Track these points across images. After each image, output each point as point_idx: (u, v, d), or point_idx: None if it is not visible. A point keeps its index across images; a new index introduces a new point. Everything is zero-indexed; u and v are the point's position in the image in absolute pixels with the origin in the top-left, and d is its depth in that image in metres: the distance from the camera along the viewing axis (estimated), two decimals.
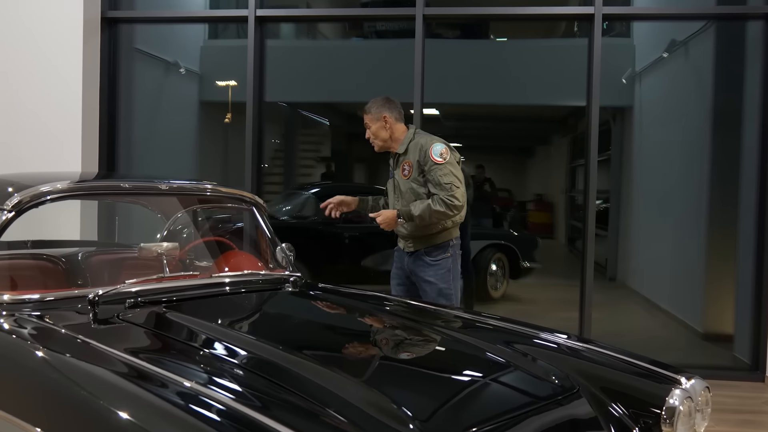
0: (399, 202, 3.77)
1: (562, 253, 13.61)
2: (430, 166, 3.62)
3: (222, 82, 8.32)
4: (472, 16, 5.74)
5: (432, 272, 3.71)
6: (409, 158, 3.73)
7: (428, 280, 3.72)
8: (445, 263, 3.73)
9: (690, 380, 2.22)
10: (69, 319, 2.28)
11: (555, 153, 15.37)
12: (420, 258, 3.75)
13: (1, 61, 5.30)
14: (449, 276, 3.74)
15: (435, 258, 3.72)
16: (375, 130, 3.80)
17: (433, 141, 3.69)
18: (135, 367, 1.83)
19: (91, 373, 1.82)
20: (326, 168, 11.89)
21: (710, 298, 6.22)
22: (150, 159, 6.92)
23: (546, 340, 2.51)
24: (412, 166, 3.70)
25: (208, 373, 1.87)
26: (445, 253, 3.74)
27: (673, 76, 7.60)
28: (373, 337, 2.55)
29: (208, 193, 3.16)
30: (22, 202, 2.46)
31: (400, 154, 3.77)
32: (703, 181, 6.31)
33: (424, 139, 3.73)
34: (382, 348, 2.39)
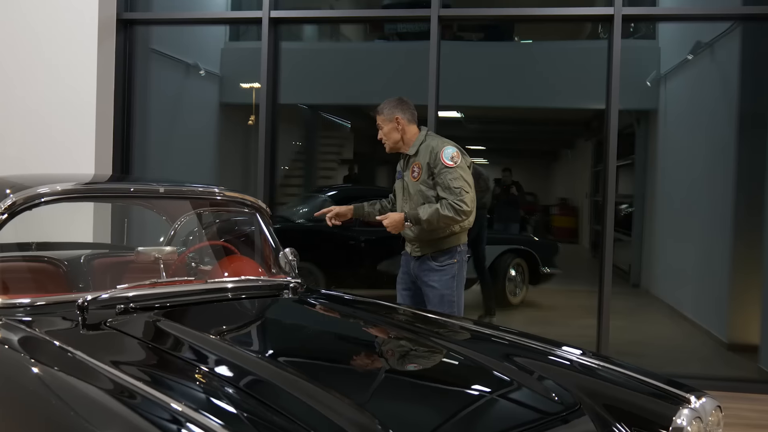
0: (407, 204, 3.72)
1: (586, 258, 13.45)
2: (440, 169, 3.56)
3: (244, 84, 8.32)
4: (489, 17, 5.65)
5: (436, 277, 3.65)
6: (419, 160, 3.67)
7: (432, 285, 3.66)
8: (450, 269, 3.66)
9: (700, 399, 2.11)
10: (55, 325, 2.25)
11: (579, 156, 15.22)
12: (425, 262, 3.69)
13: (14, 63, 5.31)
14: (453, 283, 3.67)
15: (441, 263, 3.66)
16: (387, 132, 3.76)
17: (444, 144, 3.64)
18: (114, 380, 1.77)
19: (67, 384, 1.77)
20: (348, 170, 11.87)
21: (735, 307, 6.09)
22: (167, 163, 6.92)
23: (558, 356, 2.41)
24: (421, 168, 3.64)
25: (191, 390, 1.81)
26: (451, 258, 3.67)
27: (698, 79, 7.46)
28: (370, 350, 2.47)
29: (210, 197, 3.11)
30: (16, 204, 2.43)
31: (411, 156, 3.73)
32: (729, 186, 6.17)
33: (435, 142, 3.68)
34: (379, 363, 2.30)
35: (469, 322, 2.88)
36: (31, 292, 2.59)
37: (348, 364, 2.25)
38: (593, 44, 9.74)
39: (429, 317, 2.82)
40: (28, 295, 2.40)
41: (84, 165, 5.22)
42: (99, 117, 5.30)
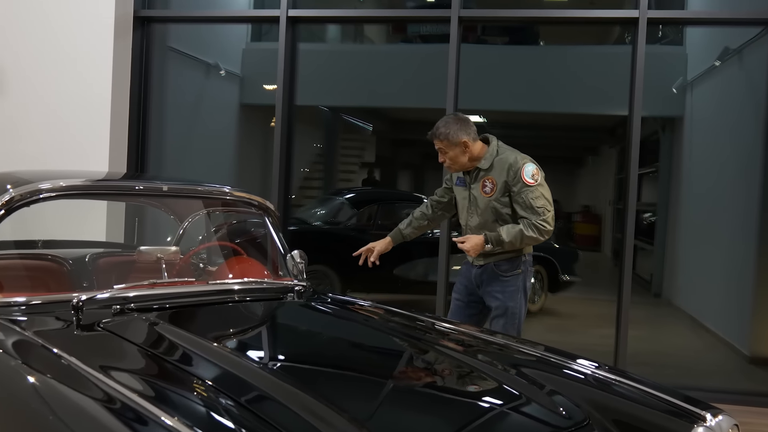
0: (473, 218, 3.58)
1: (608, 266, 13.27)
2: (520, 188, 3.41)
3: (265, 85, 8.29)
4: (510, 19, 5.55)
5: (500, 288, 3.52)
6: (492, 175, 3.48)
7: (496, 296, 3.53)
8: (515, 280, 3.52)
9: (717, 417, 2.01)
10: (48, 325, 2.19)
11: (603, 163, 15.04)
12: (489, 272, 3.55)
13: (28, 60, 5.29)
14: (518, 295, 3.52)
15: (505, 274, 3.52)
16: (453, 156, 3.51)
17: (524, 160, 3.47)
18: (102, 387, 1.70)
19: (53, 390, 1.72)
20: (368, 174, 11.82)
21: (758, 319, 5.94)
22: (184, 163, 6.90)
23: (572, 369, 2.32)
24: (496, 184, 3.47)
25: (180, 399, 1.74)
26: (516, 269, 3.52)
27: (725, 85, 7.30)
28: (374, 359, 2.38)
29: (218, 197, 3.05)
30: (14, 200, 2.39)
31: (484, 170, 3.51)
32: (755, 195, 6.02)
33: (512, 157, 3.48)
34: (382, 373, 2.20)
35: (482, 332, 2.79)
36: (31, 290, 2.55)
37: (350, 374, 2.17)
38: (619, 49, 9.62)
39: (436, 324, 2.73)
40: (26, 294, 2.35)
41: (98, 163, 5.20)
42: (114, 115, 5.28)
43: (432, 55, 8.64)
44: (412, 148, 13.92)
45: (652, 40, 5.16)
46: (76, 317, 2.21)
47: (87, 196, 2.78)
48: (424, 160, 14.72)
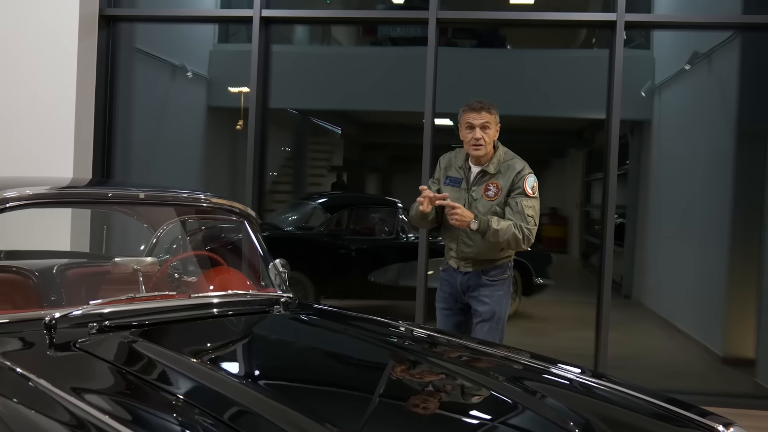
0: None
1: (576, 268, 13.35)
2: (518, 193, 3.42)
3: (232, 87, 8.13)
4: (488, 21, 5.48)
5: (488, 292, 3.50)
6: (498, 180, 3.47)
7: (483, 300, 3.50)
8: (502, 285, 3.52)
9: (729, 429, 1.93)
10: (17, 346, 2.03)
11: (570, 166, 15.15)
12: (477, 277, 3.52)
13: None
14: (504, 299, 3.53)
15: (493, 279, 3.51)
16: (493, 135, 3.48)
17: (529, 171, 3.50)
18: (80, 416, 1.56)
19: (25, 419, 1.56)
20: (337, 177, 11.70)
21: (731, 320, 6.00)
22: (151, 167, 6.72)
23: (557, 375, 2.25)
24: (500, 189, 3.45)
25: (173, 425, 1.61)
26: (503, 273, 3.53)
27: (695, 89, 7.37)
28: (367, 373, 2.27)
29: (195, 204, 2.90)
30: None
31: (490, 173, 3.50)
32: (726, 197, 6.07)
33: (520, 165, 3.50)
34: (375, 388, 2.09)
35: (471, 340, 2.70)
36: None
37: (344, 390, 2.05)
38: (586, 53, 9.67)
39: (428, 335, 2.63)
40: None
41: (63, 168, 4.99)
42: (79, 118, 5.07)
43: (402, 58, 8.58)
44: (381, 151, 13.85)
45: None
46: (49, 337, 2.04)
47: (57, 205, 2.61)
48: (393, 163, 14.67)
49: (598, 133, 11.48)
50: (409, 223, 7.11)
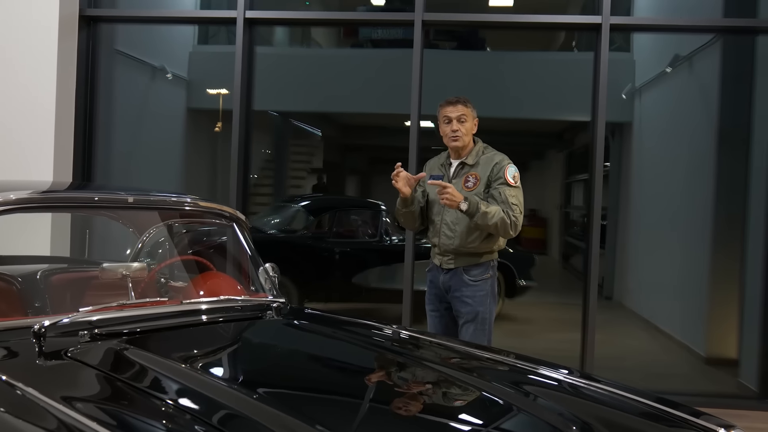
0: (449, 213, 3.53)
1: (557, 270, 13.40)
2: (499, 183, 3.46)
3: (211, 89, 8.04)
4: (474, 23, 5.46)
5: (470, 292, 3.50)
6: (477, 171, 3.53)
7: (465, 301, 3.50)
8: (484, 285, 3.52)
9: None
10: (2, 354, 1.95)
11: (550, 168, 15.22)
12: (458, 276, 3.53)
13: None
14: (487, 299, 3.52)
15: (475, 278, 3.51)
16: (469, 128, 3.57)
17: (508, 161, 3.55)
18: (71, 425, 1.50)
19: (14, 429, 1.51)
20: (317, 180, 11.64)
21: (714, 320, 6.02)
22: (131, 169, 6.62)
23: (546, 377, 2.24)
24: (479, 179, 3.51)
25: None
26: (485, 273, 3.53)
27: (675, 92, 7.42)
28: (362, 378, 2.23)
29: (184, 208, 2.84)
30: None
31: (468, 165, 3.56)
32: (708, 198, 6.11)
33: (498, 157, 3.56)
34: (372, 392, 2.06)
35: (461, 344, 2.67)
36: None
37: (341, 396, 2.01)
38: (567, 56, 9.71)
39: (422, 339, 2.60)
40: None
41: (42, 171, 4.89)
42: (59, 120, 4.97)
43: (383, 61, 8.55)
44: (361, 153, 13.80)
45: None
46: (38, 346, 1.98)
47: (44, 209, 2.54)
48: (373, 166, 14.64)
49: (578, 135, 11.55)
50: (393, 225, 7.09)
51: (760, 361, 5.10)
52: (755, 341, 5.18)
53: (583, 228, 11.49)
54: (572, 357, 5.23)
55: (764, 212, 5.16)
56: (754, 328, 5.19)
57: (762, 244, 5.17)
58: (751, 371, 5.24)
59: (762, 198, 5.20)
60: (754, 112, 5.46)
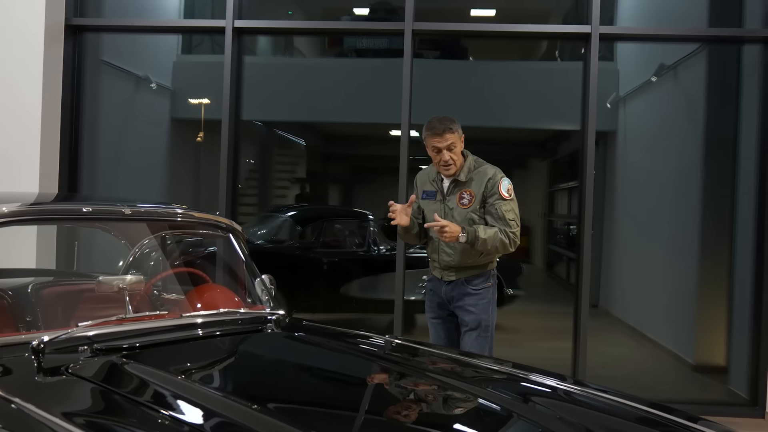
0: None
1: (541, 278, 13.40)
2: (495, 199, 3.48)
3: (195, 99, 7.98)
4: (463, 32, 5.47)
5: (473, 301, 3.54)
6: (471, 188, 3.54)
7: (469, 309, 3.54)
8: (486, 293, 3.56)
9: None
10: (1, 372, 1.89)
11: (533, 176, 15.26)
12: (461, 286, 3.57)
13: None
14: (489, 307, 3.57)
15: (476, 287, 3.55)
16: (458, 150, 3.53)
17: (501, 174, 3.56)
18: None
19: None
20: (300, 189, 11.59)
21: (702, 327, 6.03)
22: (117, 179, 6.54)
23: (541, 384, 2.24)
24: (474, 196, 3.51)
25: None
26: (486, 282, 3.57)
27: (660, 101, 7.46)
28: (364, 389, 2.20)
29: (179, 219, 2.79)
30: None
31: (461, 182, 3.56)
32: (695, 206, 6.14)
33: (491, 170, 3.57)
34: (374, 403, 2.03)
35: (458, 353, 2.66)
36: None
37: (347, 409, 1.98)
38: (551, 65, 9.76)
39: (424, 349, 2.58)
40: None
41: (28, 181, 4.82)
42: (45, 130, 4.90)
43: (368, 70, 8.54)
44: (345, 163, 13.78)
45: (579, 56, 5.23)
46: (37, 361, 1.92)
47: (38, 222, 2.49)
48: (357, 175, 14.62)
49: (561, 144, 11.59)
50: (381, 235, 7.06)
51: (750, 367, 5.11)
52: (744, 348, 5.20)
53: (567, 236, 11.53)
54: (562, 366, 5.23)
55: (752, 219, 5.20)
56: (744, 335, 5.22)
57: (750, 251, 5.21)
58: (740, 378, 5.26)
59: (749, 205, 5.24)
60: (740, 121, 5.51)
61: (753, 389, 5.08)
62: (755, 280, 5.10)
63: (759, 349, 5.01)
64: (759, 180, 5.13)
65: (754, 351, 5.07)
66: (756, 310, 5.08)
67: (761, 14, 5.12)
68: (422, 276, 5.30)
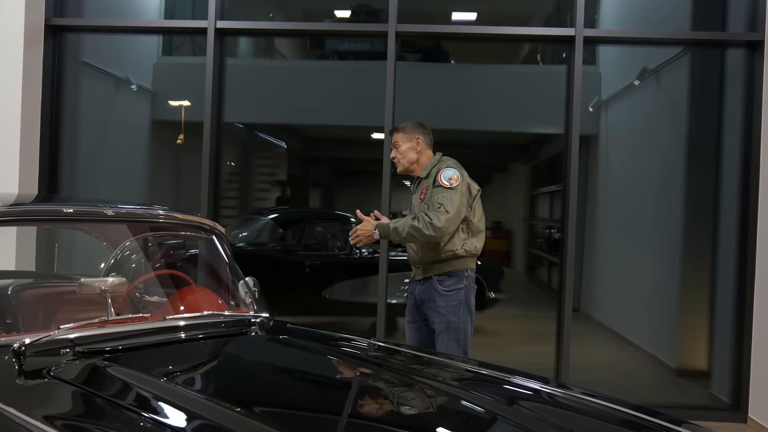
0: None
1: (522, 282, 13.45)
2: (434, 187, 3.54)
3: (175, 101, 7.90)
4: (447, 34, 5.46)
5: (443, 303, 3.52)
6: (428, 182, 3.63)
7: (438, 311, 3.53)
8: (457, 295, 3.53)
9: None
10: None
11: (513, 180, 15.32)
12: (432, 286, 3.58)
13: None
14: (460, 309, 3.53)
15: (447, 288, 3.55)
16: (404, 150, 3.70)
17: (448, 166, 3.62)
18: None
19: None
20: (281, 192, 11.53)
21: (684, 331, 6.04)
22: (97, 181, 6.45)
23: (523, 386, 2.22)
24: (428, 189, 3.60)
25: None
26: (458, 283, 3.54)
27: (643, 105, 7.49)
28: (349, 392, 2.18)
29: (162, 220, 2.75)
30: None
31: (422, 178, 3.69)
32: (677, 210, 6.16)
33: (443, 165, 3.64)
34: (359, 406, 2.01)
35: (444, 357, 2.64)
36: None
37: (331, 413, 1.94)
38: (533, 69, 9.79)
39: (411, 354, 2.56)
40: None
41: (7, 182, 4.73)
42: (24, 130, 4.82)
43: (350, 72, 8.51)
44: (325, 165, 13.74)
45: (561, 60, 5.24)
46: (18, 364, 1.87)
47: (18, 223, 2.43)
48: (338, 178, 14.59)
49: (543, 148, 11.64)
50: None
51: (732, 372, 5.13)
52: (727, 352, 5.21)
53: (548, 240, 11.56)
54: (545, 370, 5.23)
55: (734, 223, 5.22)
56: (726, 339, 5.23)
57: (732, 255, 5.23)
58: (722, 382, 5.28)
59: (731, 209, 5.26)
60: (724, 125, 5.54)
61: (735, 393, 5.10)
62: (738, 284, 5.12)
63: (741, 354, 5.02)
64: (741, 184, 5.15)
65: (736, 355, 5.08)
66: (738, 314, 5.09)
67: (744, 18, 5.15)
68: (405, 279, 5.28)
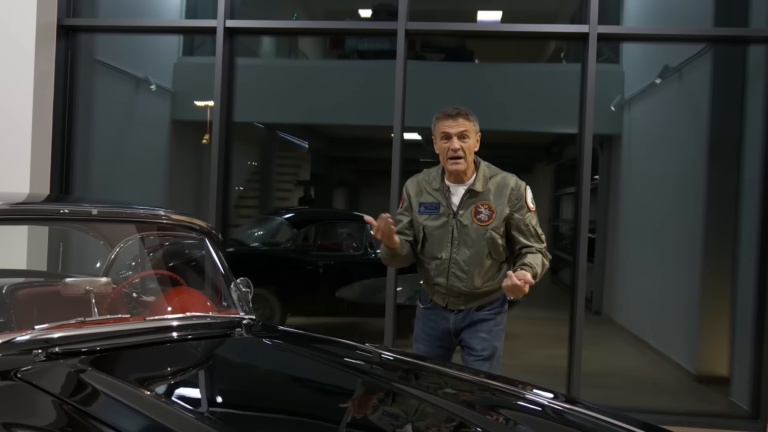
0: (462, 251, 3.02)
1: (545, 284, 13.26)
2: (524, 213, 3.00)
3: (197, 100, 7.94)
4: (457, 32, 5.38)
5: (487, 328, 3.04)
6: (489, 200, 2.99)
7: (482, 336, 3.03)
8: (502, 319, 3.11)
9: None
10: None
11: (539, 181, 15.16)
12: (473, 315, 3.08)
13: None
14: (502, 334, 3.12)
15: (492, 312, 3.08)
16: (472, 145, 2.99)
17: (522, 182, 3.07)
18: None
19: None
20: (304, 192, 11.54)
21: (704, 337, 5.91)
22: (112, 183, 6.49)
23: (530, 401, 2.14)
24: (494, 211, 2.97)
25: None
26: (502, 305, 3.13)
27: (665, 104, 7.36)
28: (333, 400, 2.12)
29: (153, 220, 2.73)
30: None
31: (477, 192, 3.02)
32: (699, 212, 6.03)
33: (510, 179, 3.06)
34: (342, 415, 1.95)
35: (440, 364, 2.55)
36: None
37: (310, 420, 1.89)
38: (556, 67, 9.67)
39: (396, 359, 2.48)
40: None
41: (19, 184, 4.78)
42: (36, 132, 4.86)
43: (370, 72, 8.49)
44: (348, 165, 13.73)
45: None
46: None
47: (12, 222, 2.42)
48: (360, 178, 14.57)
49: (566, 148, 11.49)
50: None
51: (752, 379, 4.99)
52: (747, 359, 5.08)
53: (571, 241, 11.42)
54: (560, 373, 5.14)
55: (756, 225, 5.08)
56: (746, 346, 5.10)
57: (754, 258, 5.09)
58: (742, 390, 5.14)
59: (753, 210, 5.12)
60: (746, 123, 5.39)
61: (755, 402, 4.96)
62: (759, 289, 4.98)
63: (762, 361, 4.88)
64: (764, 184, 5.02)
65: (756, 362, 4.95)
66: (759, 319, 4.96)
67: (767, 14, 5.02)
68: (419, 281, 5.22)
